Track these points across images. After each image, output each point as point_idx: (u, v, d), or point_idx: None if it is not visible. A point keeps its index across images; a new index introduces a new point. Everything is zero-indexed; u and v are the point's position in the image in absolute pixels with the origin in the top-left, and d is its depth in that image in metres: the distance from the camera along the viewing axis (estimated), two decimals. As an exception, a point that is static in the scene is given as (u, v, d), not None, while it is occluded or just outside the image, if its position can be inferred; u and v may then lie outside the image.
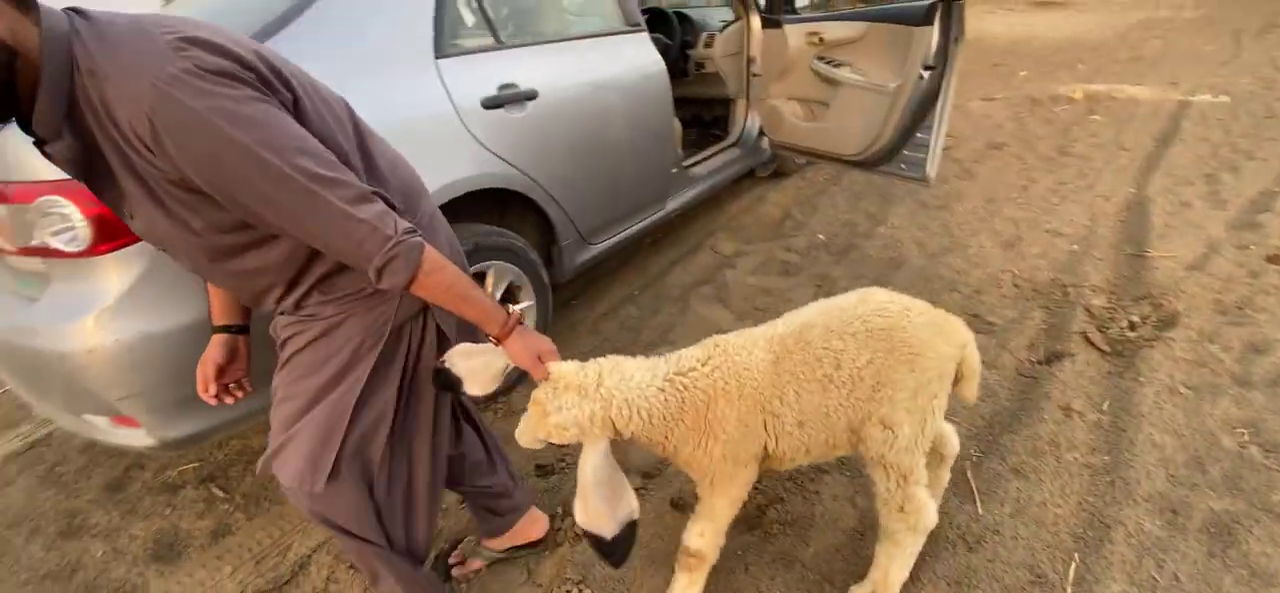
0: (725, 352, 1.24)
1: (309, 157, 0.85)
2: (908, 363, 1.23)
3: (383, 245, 0.90)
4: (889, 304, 1.29)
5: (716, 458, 1.23)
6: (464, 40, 2.05)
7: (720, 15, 3.80)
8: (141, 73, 0.76)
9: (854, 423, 1.27)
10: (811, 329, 1.26)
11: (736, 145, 3.61)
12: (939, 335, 1.28)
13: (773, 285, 2.86)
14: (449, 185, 1.85)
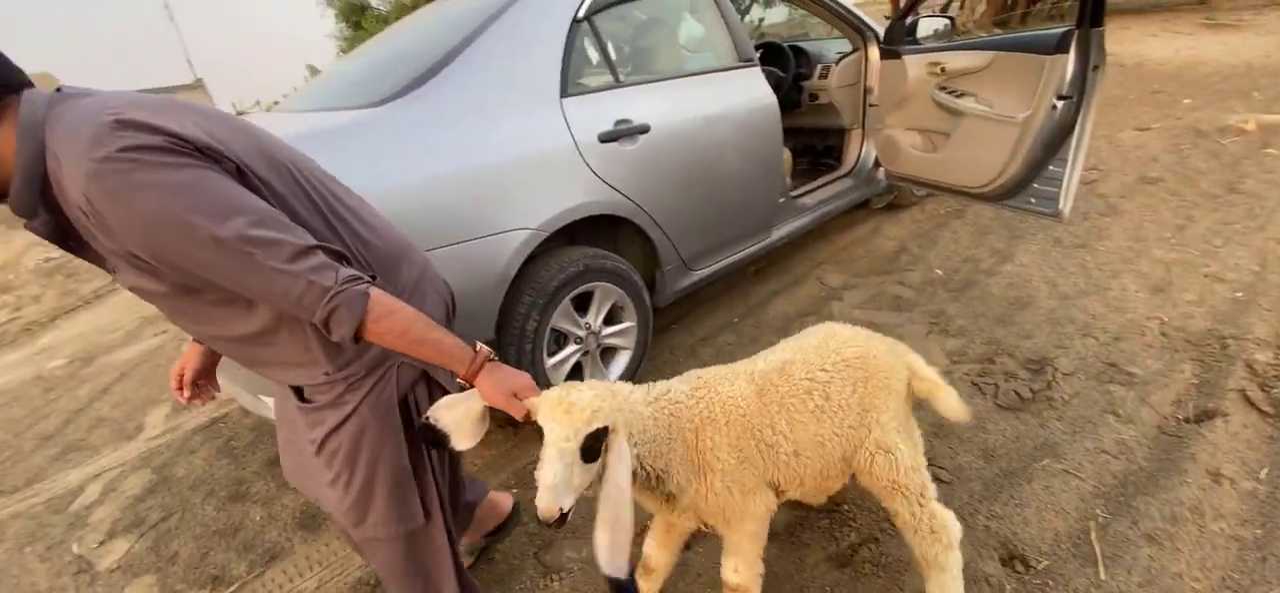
0: (709, 384, 1.26)
1: (242, 216, 0.86)
2: (885, 388, 1.29)
3: (322, 297, 0.90)
4: (853, 336, 1.36)
5: (719, 491, 1.21)
6: (587, 81, 2.26)
7: (837, 47, 3.79)
8: (80, 155, 0.81)
9: (847, 452, 1.30)
10: (792, 364, 1.30)
11: (849, 176, 3.57)
12: (898, 360, 1.35)
13: (882, 320, 2.79)
14: (564, 211, 2.04)
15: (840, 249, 3.59)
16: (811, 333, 1.42)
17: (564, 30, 2.13)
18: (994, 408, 2.14)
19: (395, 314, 0.97)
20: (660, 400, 1.20)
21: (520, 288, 2.03)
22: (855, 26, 3.34)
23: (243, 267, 0.87)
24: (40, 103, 0.86)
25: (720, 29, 2.68)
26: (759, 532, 1.30)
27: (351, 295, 0.92)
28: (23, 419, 3.40)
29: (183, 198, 0.83)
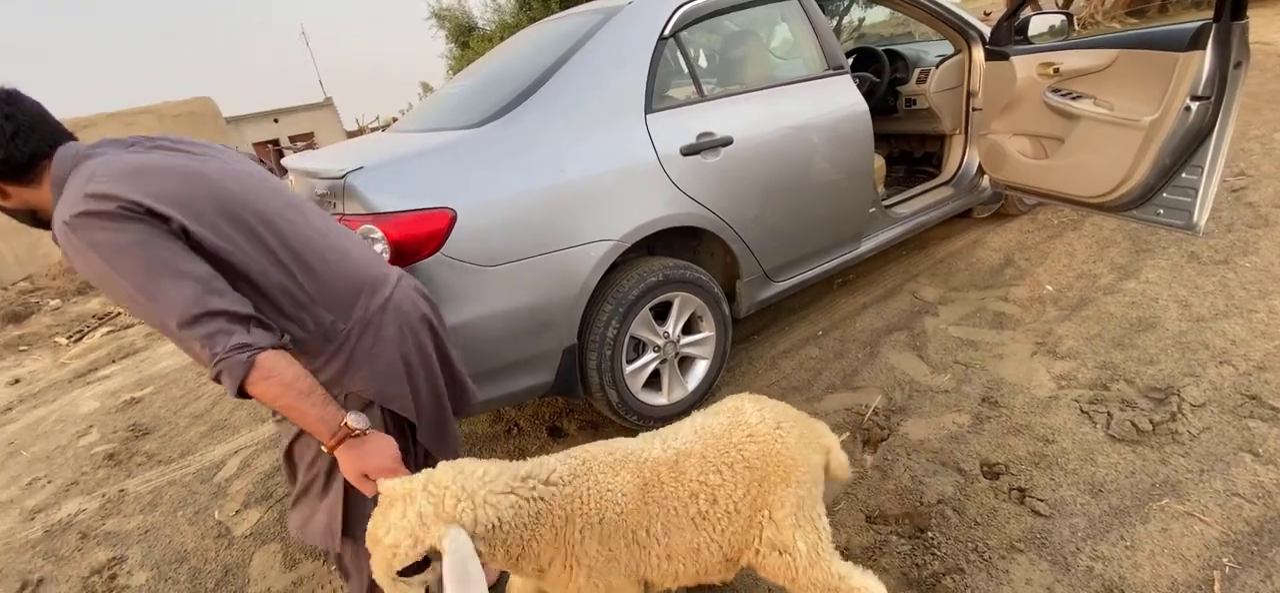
0: (591, 471, 1.18)
1: (165, 280, 1.04)
2: (785, 482, 1.22)
3: (211, 360, 1.05)
4: (759, 425, 1.26)
5: (583, 585, 1.15)
6: (671, 96, 2.32)
7: (938, 50, 3.60)
8: (60, 214, 1.05)
9: (730, 554, 1.24)
10: (688, 459, 1.22)
11: (949, 183, 3.38)
12: (808, 447, 1.28)
13: (980, 339, 2.63)
14: (645, 223, 2.10)
15: (938, 261, 3.41)
16: (718, 412, 1.34)
17: (650, 49, 2.19)
18: (1105, 439, 1.97)
19: (271, 379, 1.08)
20: (527, 486, 1.12)
21: (601, 297, 2.11)
22: (957, 27, 3.17)
23: (158, 323, 1.07)
24: (67, 161, 1.11)
25: (808, 38, 2.64)
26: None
27: (233, 363, 1.06)
28: (179, 399, 3.92)
29: (113, 261, 1.04)
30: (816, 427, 1.37)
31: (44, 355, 6.16)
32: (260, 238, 1.18)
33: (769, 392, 2.50)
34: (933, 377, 2.44)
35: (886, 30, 6.84)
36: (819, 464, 1.31)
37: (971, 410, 2.20)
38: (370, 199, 1.76)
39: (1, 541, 2.75)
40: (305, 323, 1.23)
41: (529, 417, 2.72)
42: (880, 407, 2.30)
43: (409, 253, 1.76)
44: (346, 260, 1.31)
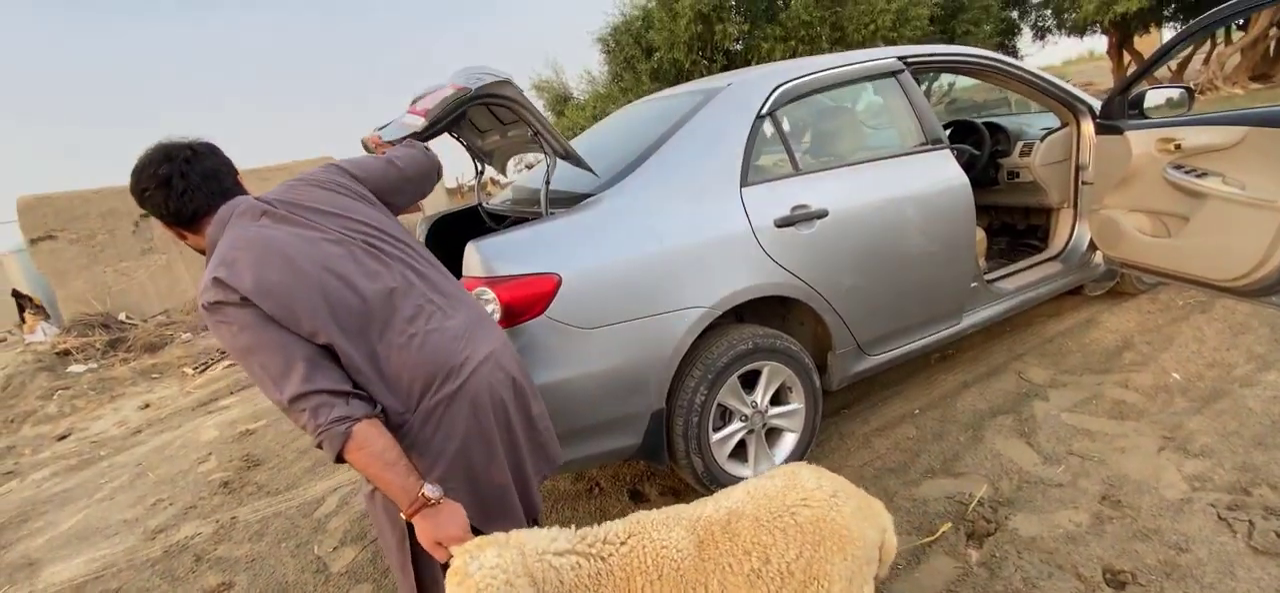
0: (645, 530, 1.21)
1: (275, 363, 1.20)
2: (840, 552, 1.20)
3: (314, 431, 1.18)
4: (816, 490, 1.25)
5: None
6: (766, 170, 2.37)
7: (1040, 122, 3.48)
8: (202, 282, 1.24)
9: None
10: (741, 519, 1.22)
11: (1058, 258, 3.21)
12: (865, 521, 1.26)
13: (1098, 429, 2.43)
14: (737, 291, 2.13)
15: (1047, 340, 3.21)
16: (774, 476, 1.33)
17: (748, 126, 2.27)
18: (1246, 549, 1.76)
19: (365, 449, 1.20)
20: (585, 544, 1.18)
21: (691, 362, 2.13)
22: (1064, 101, 3.06)
23: (272, 396, 1.22)
24: (218, 226, 1.31)
25: (905, 112, 2.63)
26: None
27: (333, 434, 1.18)
28: (287, 434, 4.21)
29: (233, 344, 1.23)
30: (875, 504, 1.35)
31: (172, 384, 6.80)
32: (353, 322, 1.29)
33: (862, 472, 2.41)
34: (1045, 468, 2.27)
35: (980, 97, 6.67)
36: (875, 542, 1.27)
37: (1090, 509, 2.03)
38: (489, 264, 1.89)
39: (125, 557, 3.01)
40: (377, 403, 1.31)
41: (610, 478, 2.73)
42: (986, 497, 2.16)
43: (517, 313, 1.86)
44: (426, 346, 1.34)
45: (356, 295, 1.31)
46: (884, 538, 1.32)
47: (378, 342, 1.31)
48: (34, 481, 4.63)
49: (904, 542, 2.02)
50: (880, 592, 1.83)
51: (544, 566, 1.11)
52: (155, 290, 10.53)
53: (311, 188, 1.43)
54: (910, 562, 1.95)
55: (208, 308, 1.22)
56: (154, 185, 1.30)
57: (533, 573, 1.10)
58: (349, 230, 1.39)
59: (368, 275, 1.34)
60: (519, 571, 1.08)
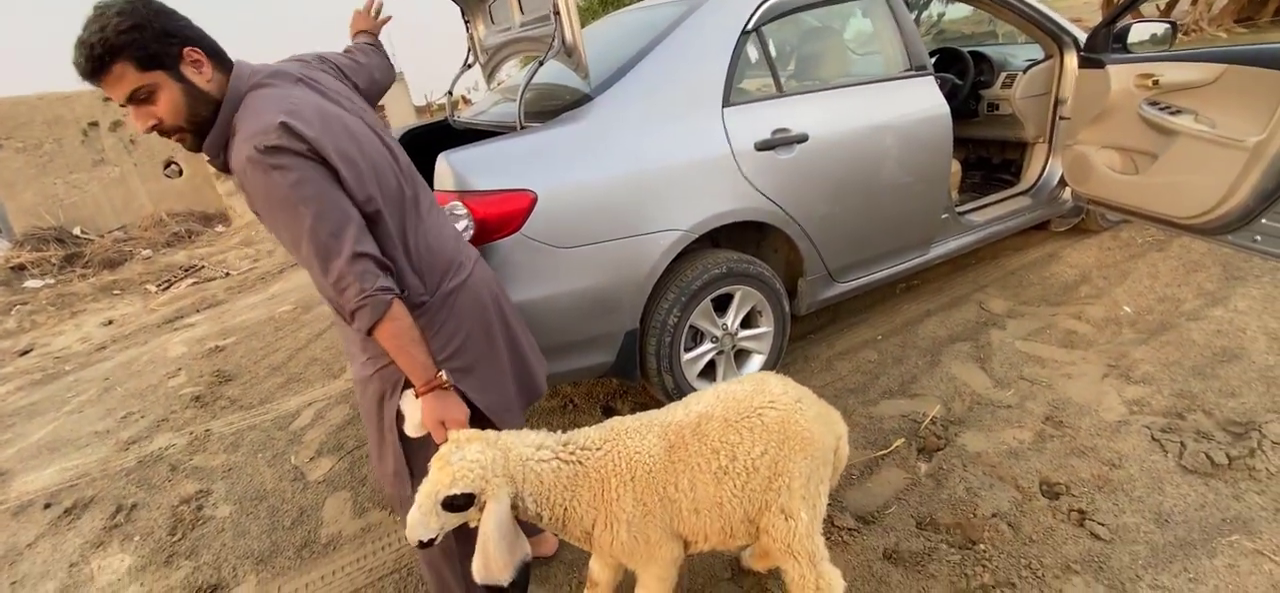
0: (620, 437, 1.30)
1: (325, 223, 1.14)
2: (801, 452, 1.28)
3: (359, 295, 1.16)
4: (782, 395, 1.33)
5: (625, 539, 1.27)
6: (749, 90, 2.33)
7: (1026, 53, 3.46)
8: (247, 138, 1.13)
9: (750, 513, 1.31)
10: (710, 421, 1.30)
11: (1028, 193, 3.27)
12: (825, 426, 1.34)
13: (1048, 356, 2.55)
14: (715, 216, 2.13)
15: (1009, 273, 3.31)
16: (743, 381, 1.40)
17: (732, 43, 2.20)
18: (1176, 469, 1.90)
19: (396, 322, 1.21)
20: (567, 451, 1.26)
21: (666, 285, 2.16)
22: (1051, 31, 3.04)
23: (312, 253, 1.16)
24: (243, 81, 1.22)
25: (892, 36, 2.59)
26: (667, 575, 1.36)
27: (378, 301, 1.18)
28: (258, 351, 4.19)
29: (291, 192, 1.13)
30: (833, 413, 1.43)
31: (135, 301, 6.64)
32: (393, 201, 1.30)
33: (824, 392, 2.49)
34: (995, 391, 2.39)
35: (968, 28, 6.58)
36: (831, 446, 1.37)
37: (1034, 428, 2.16)
38: (462, 177, 1.86)
39: (99, 466, 3.03)
40: (401, 284, 1.30)
41: (584, 395, 2.80)
42: (938, 416, 2.27)
43: (491, 230, 1.84)
44: (442, 236, 1.42)
45: (395, 174, 1.34)
46: (839, 445, 1.41)
47: (408, 222, 1.34)
48: (-2, 393, 4.56)
49: (859, 455, 2.14)
50: (831, 497, 1.95)
51: (525, 469, 1.20)
52: (110, 205, 10.12)
53: (319, 73, 1.40)
54: (864, 473, 2.07)
55: (265, 152, 1.12)
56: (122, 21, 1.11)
57: (513, 474, 1.19)
58: (366, 116, 1.39)
59: (405, 164, 1.39)
60: (497, 470, 1.15)
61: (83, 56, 1.10)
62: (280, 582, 2.05)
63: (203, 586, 2.08)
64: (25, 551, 2.46)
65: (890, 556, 1.77)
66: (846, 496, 1.98)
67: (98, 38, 1.09)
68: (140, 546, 2.36)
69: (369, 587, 1.95)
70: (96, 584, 2.19)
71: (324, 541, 2.20)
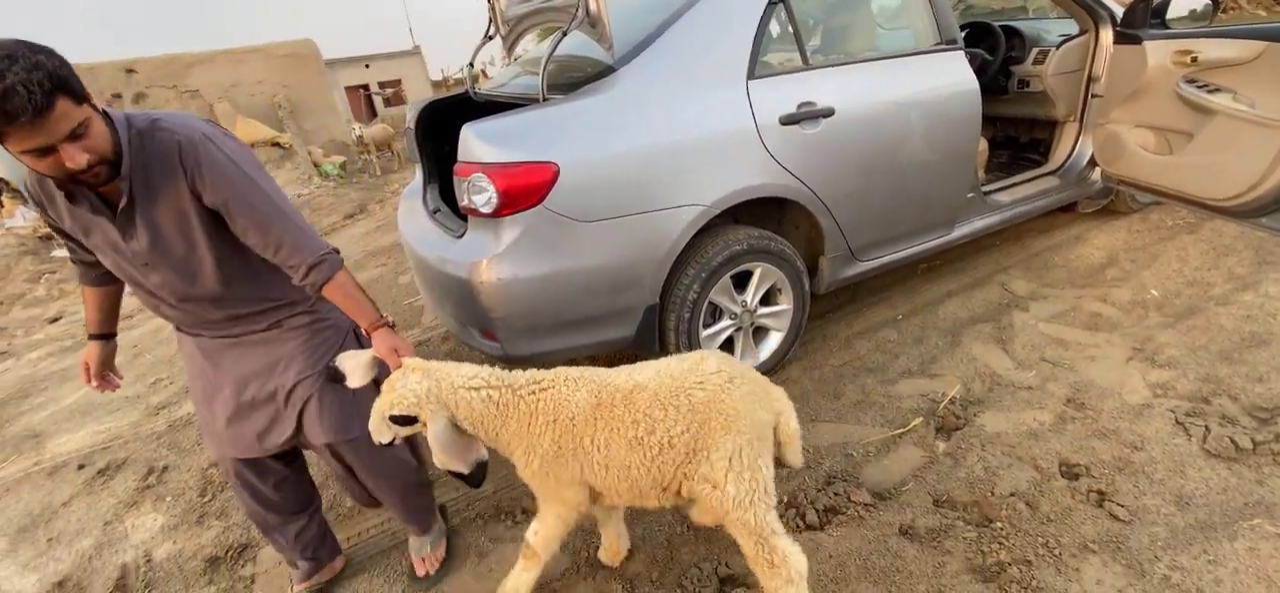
0: (556, 384, 1.42)
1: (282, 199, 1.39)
2: (724, 429, 1.35)
3: (319, 250, 1.39)
4: (713, 376, 1.39)
5: (537, 471, 1.42)
6: (775, 62, 2.29)
7: (1059, 28, 3.37)
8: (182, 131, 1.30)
9: (661, 482, 1.40)
10: (642, 392, 1.39)
11: (1056, 173, 3.20)
12: (756, 404, 1.40)
13: (1072, 339, 2.52)
14: (738, 191, 2.12)
15: (1033, 254, 3.26)
16: (685, 359, 1.48)
17: (758, 14, 2.16)
18: (1199, 452, 1.88)
19: (345, 281, 1.44)
20: (498, 385, 1.41)
21: (686, 260, 2.16)
22: (1086, 5, 2.95)
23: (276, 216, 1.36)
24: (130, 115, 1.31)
25: (922, 8, 2.53)
26: (565, 516, 1.50)
27: (333, 261, 1.42)
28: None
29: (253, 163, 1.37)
30: (773, 391, 1.48)
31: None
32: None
33: (842, 371, 2.51)
34: (1016, 372, 2.37)
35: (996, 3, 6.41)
36: (765, 422, 1.42)
37: (1055, 410, 2.14)
38: (485, 148, 1.87)
39: (130, 429, 3.11)
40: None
41: (602, 368, 2.82)
42: (957, 396, 2.27)
43: (513, 201, 1.85)
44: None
45: None
46: (780, 421, 1.46)
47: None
48: (30, 360, 4.69)
49: (876, 434, 2.14)
50: (847, 473, 1.96)
51: (456, 397, 1.37)
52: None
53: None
54: (881, 451, 2.07)
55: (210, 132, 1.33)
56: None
57: (445, 401, 1.37)
58: None
59: None
60: (432, 397, 1.35)
61: (28, 96, 1.02)
62: (307, 543, 2.11)
63: (232, 545, 2.15)
64: (61, 508, 2.55)
65: (906, 532, 1.78)
66: (863, 472, 1.99)
67: (37, 75, 1.03)
68: (172, 506, 2.44)
69: (394, 550, 2.01)
70: (130, 541, 2.27)
71: (348, 505, 2.26)
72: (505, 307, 1.97)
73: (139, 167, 1.28)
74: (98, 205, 1.31)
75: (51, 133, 1.09)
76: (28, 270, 7.78)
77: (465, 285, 1.99)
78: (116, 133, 1.25)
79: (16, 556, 2.31)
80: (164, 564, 2.13)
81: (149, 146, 1.28)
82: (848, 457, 2.06)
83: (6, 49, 1.03)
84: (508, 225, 1.92)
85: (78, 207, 1.31)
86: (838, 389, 2.40)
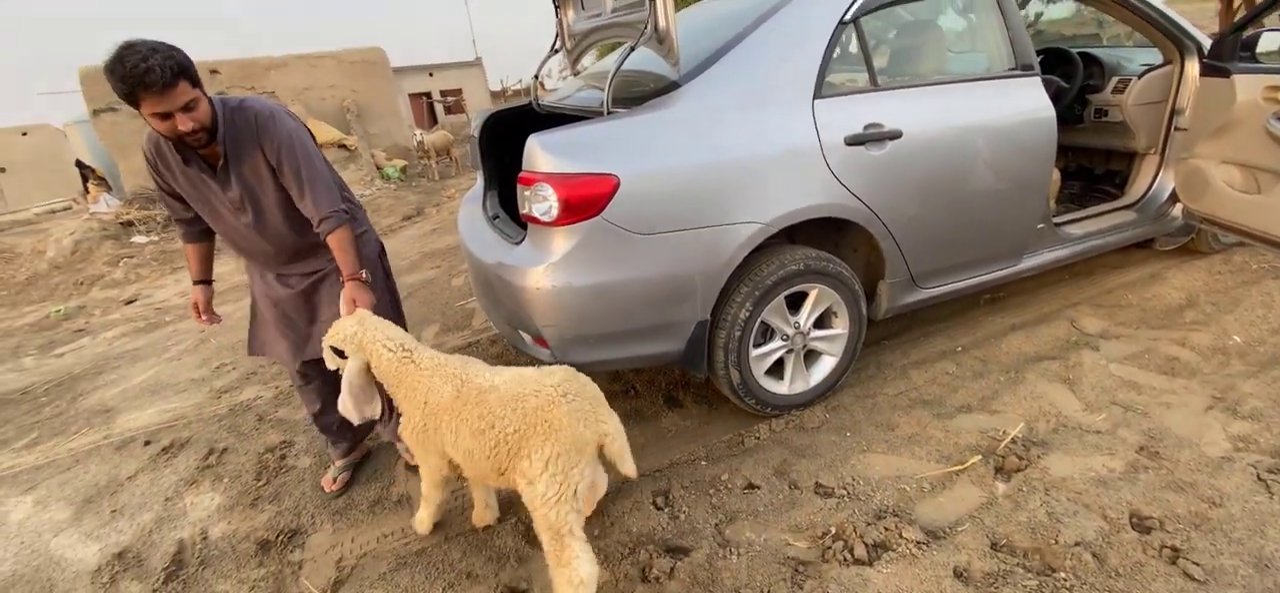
0: (437, 370, 1.73)
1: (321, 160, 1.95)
2: (544, 437, 1.56)
3: (331, 207, 1.89)
4: (550, 389, 1.59)
5: (409, 434, 1.78)
6: (843, 82, 2.26)
7: (1142, 57, 3.22)
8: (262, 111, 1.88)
9: (497, 468, 1.64)
10: (495, 392, 1.64)
11: (1133, 207, 3.05)
12: (580, 421, 1.57)
13: (1146, 383, 2.38)
14: (796, 211, 2.09)
15: (1105, 291, 3.10)
16: (540, 373, 1.67)
17: (828, 33, 2.14)
18: (1285, 514, 1.74)
19: (346, 233, 1.92)
20: (404, 355, 1.75)
21: (739, 277, 2.13)
22: (1172, 35, 2.82)
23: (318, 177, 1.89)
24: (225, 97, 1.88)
25: (999, 32, 2.46)
26: (431, 477, 1.89)
27: (340, 218, 1.90)
28: (340, 313, 4.39)
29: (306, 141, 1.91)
30: (601, 412, 1.64)
31: (227, 262, 7.08)
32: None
33: (897, 402, 2.43)
34: (1084, 414, 2.25)
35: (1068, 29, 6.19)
36: (586, 438, 1.59)
37: (1126, 457, 2.02)
38: (549, 159, 1.90)
39: (194, 410, 3.26)
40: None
41: (646, 382, 2.81)
42: (1019, 436, 2.16)
43: (573, 211, 1.87)
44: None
45: None
46: (606, 441, 1.62)
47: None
48: (105, 339, 4.98)
49: (931, 470, 2.05)
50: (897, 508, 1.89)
51: (371, 349, 1.76)
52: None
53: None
54: (935, 487, 1.98)
55: (276, 110, 1.87)
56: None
57: (365, 348, 1.75)
58: None
59: None
60: (355, 340, 1.76)
61: (160, 72, 1.56)
62: (353, 533, 2.16)
63: (284, 529, 2.22)
64: (126, 482, 2.68)
65: (961, 574, 1.69)
66: (916, 509, 1.91)
67: (169, 61, 1.58)
68: (229, 487, 2.53)
69: (434, 547, 2.03)
70: (189, 518, 2.37)
71: (394, 498, 2.30)
72: (558, 314, 1.98)
73: (231, 135, 1.82)
74: (204, 166, 1.85)
75: (171, 103, 1.62)
76: (108, 254, 8.28)
77: (520, 292, 2.02)
78: (215, 111, 1.78)
79: (81, 524, 2.43)
80: (218, 543, 2.21)
81: (237, 120, 1.82)
82: (900, 491, 1.98)
83: (154, 45, 1.60)
84: (565, 234, 1.93)
85: (190, 167, 1.85)
86: (891, 421, 2.32)
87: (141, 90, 1.56)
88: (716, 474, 2.14)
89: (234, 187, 1.86)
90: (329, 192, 1.89)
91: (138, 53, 1.54)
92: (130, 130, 10.26)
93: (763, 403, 2.32)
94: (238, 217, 1.92)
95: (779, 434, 2.32)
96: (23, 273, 7.96)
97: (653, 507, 2.05)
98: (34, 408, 3.67)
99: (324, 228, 1.87)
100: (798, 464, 2.14)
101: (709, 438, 2.37)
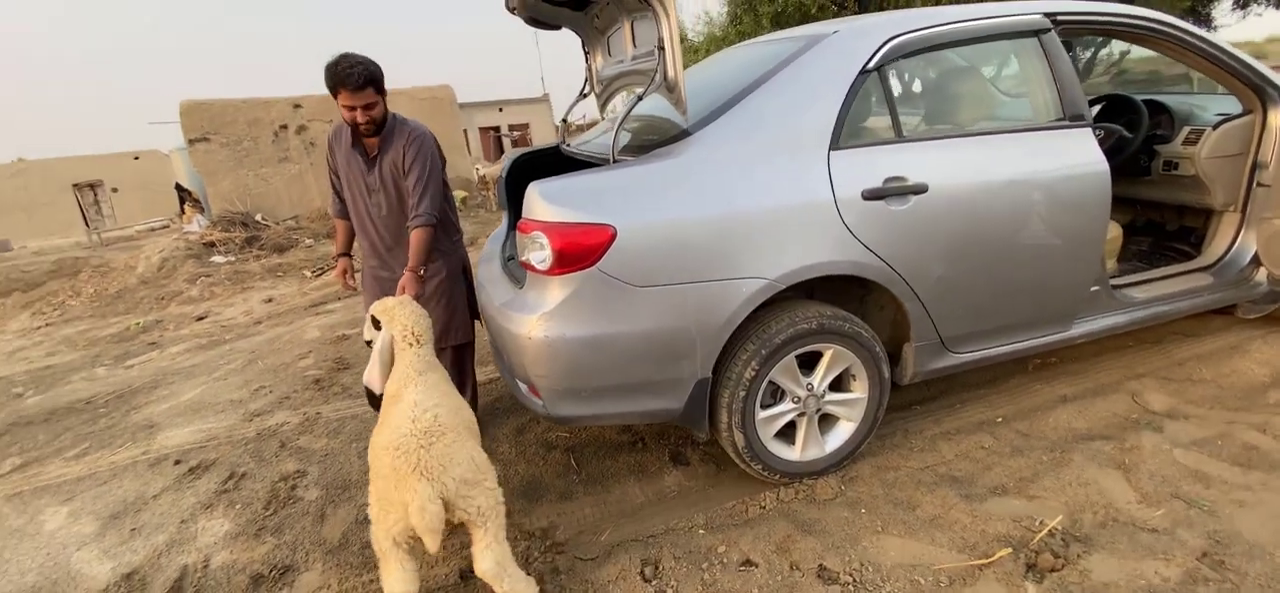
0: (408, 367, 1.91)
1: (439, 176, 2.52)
2: (375, 470, 1.67)
3: (423, 214, 2.37)
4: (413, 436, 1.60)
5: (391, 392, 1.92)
6: (863, 133, 2.13)
7: (1219, 106, 2.93)
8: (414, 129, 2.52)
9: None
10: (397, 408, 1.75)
11: (1209, 270, 2.74)
12: (392, 481, 1.57)
13: (1216, 474, 2.08)
14: (806, 267, 1.96)
15: (1175, 363, 2.78)
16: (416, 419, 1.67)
17: (848, 83, 2.03)
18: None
19: (418, 235, 2.37)
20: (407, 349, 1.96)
21: (744, 334, 2.01)
22: (1252, 83, 2.54)
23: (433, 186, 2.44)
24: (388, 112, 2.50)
25: (1043, 79, 2.28)
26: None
27: (422, 222, 2.37)
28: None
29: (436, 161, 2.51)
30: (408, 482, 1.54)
31: (293, 283, 7.47)
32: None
33: (921, 477, 2.22)
34: (1140, 508, 1.98)
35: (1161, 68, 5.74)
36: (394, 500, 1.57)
37: (1184, 564, 1.75)
38: (546, 207, 1.86)
39: (226, 432, 3.36)
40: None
41: (654, 435, 2.69)
42: (1059, 528, 1.92)
43: (568, 261, 1.82)
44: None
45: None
46: (406, 511, 1.55)
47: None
48: (170, 354, 5.28)
49: (952, 560, 1.84)
50: None
51: (393, 330, 2.00)
52: (288, 197, 11.55)
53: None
54: (955, 582, 1.77)
55: (425, 132, 2.50)
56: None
57: (393, 325, 2.01)
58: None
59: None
60: (391, 318, 2.03)
61: (356, 77, 2.21)
62: (341, 576, 2.13)
63: (278, 565, 2.21)
64: (150, 501, 2.77)
65: None
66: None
67: (367, 70, 2.24)
68: (239, 514, 2.57)
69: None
70: (197, 544, 2.41)
71: (389, 542, 2.26)
72: (550, 365, 1.92)
73: (388, 136, 2.42)
74: (362, 153, 2.46)
75: (358, 100, 2.27)
76: (189, 272, 8.88)
77: (515, 339, 1.97)
78: (388, 116, 2.42)
79: (102, 540, 2.52)
80: (215, 573, 2.22)
81: (396, 128, 2.44)
82: (913, 584, 1.78)
83: (360, 58, 2.26)
84: (560, 284, 1.88)
85: (354, 150, 2.46)
86: (913, 498, 2.11)
87: (341, 86, 2.20)
88: (713, 546, 2.00)
89: (375, 174, 2.45)
90: (433, 201, 2.38)
91: (348, 61, 2.21)
92: (219, 159, 11.10)
93: (770, 468, 2.17)
94: (370, 199, 2.49)
95: (786, 505, 2.16)
96: (114, 286, 8.63)
97: (640, 577, 1.92)
98: (92, 418, 3.89)
99: (413, 222, 2.34)
100: (802, 542, 1.97)
101: (711, 503, 2.22)
